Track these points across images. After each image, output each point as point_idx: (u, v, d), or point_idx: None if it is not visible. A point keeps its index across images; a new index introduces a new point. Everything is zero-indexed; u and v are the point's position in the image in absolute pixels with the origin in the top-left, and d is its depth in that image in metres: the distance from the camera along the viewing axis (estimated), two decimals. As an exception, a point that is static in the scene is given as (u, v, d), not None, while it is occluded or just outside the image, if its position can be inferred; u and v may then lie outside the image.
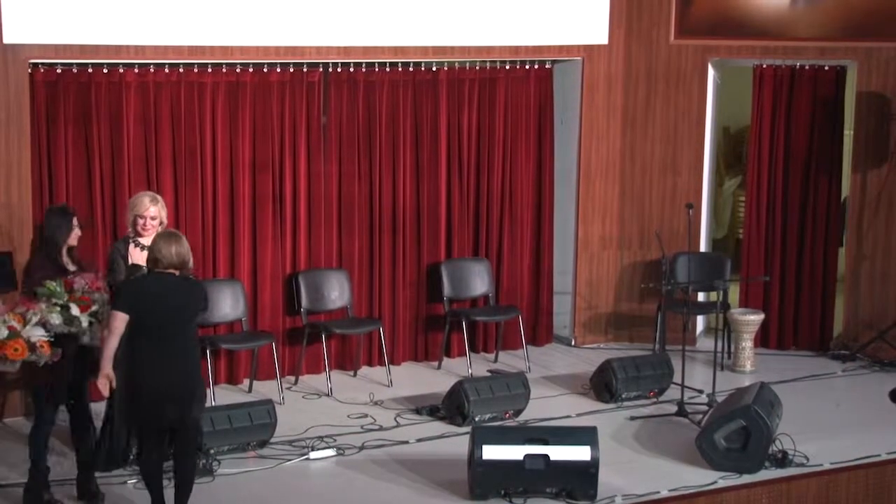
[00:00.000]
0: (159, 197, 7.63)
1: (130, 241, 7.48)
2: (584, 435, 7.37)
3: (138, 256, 7.33)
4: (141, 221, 7.41)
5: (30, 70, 8.43)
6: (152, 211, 7.42)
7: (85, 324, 6.72)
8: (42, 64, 8.51)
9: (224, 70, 9.12)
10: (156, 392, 6.50)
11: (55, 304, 6.70)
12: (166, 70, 8.92)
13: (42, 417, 7.01)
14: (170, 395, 6.53)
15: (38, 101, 8.54)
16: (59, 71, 8.59)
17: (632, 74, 10.51)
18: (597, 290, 10.71)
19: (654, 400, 9.17)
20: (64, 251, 7.29)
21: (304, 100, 9.47)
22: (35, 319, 6.53)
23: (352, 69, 9.61)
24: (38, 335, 6.55)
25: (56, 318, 6.63)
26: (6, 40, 8.22)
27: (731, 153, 13.55)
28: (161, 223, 7.45)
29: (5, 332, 6.46)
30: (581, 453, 7.24)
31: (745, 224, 10.86)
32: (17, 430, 8.26)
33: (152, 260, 6.63)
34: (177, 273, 6.63)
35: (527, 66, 10.33)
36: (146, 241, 7.23)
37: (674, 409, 8.83)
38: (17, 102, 8.34)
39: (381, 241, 9.91)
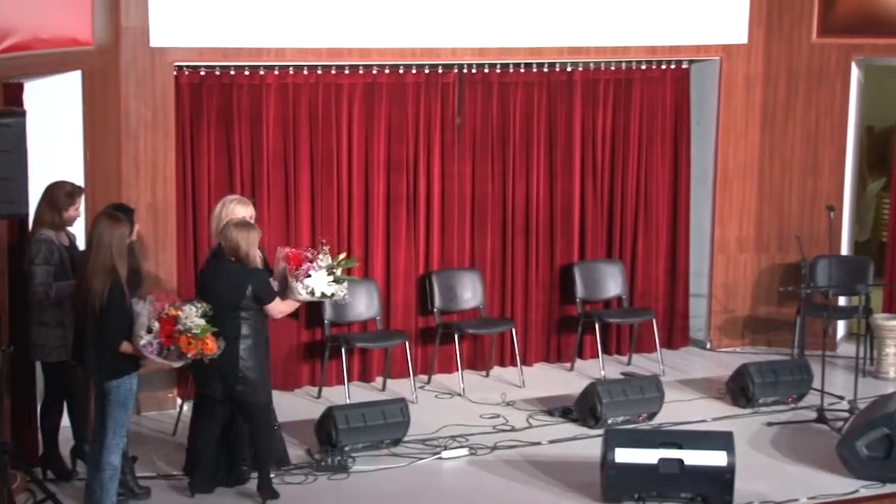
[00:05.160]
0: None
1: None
2: (719, 440, 7.25)
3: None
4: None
5: (175, 73, 8.66)
6: None
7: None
8: (187, 67, 8.74)
9: (361, 72, 9.24)
10: (206, 368, 6.82)
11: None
12: (305, 72, 9.07)
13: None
14: (215, 374, 6.91)
15: (182, 103, 8.78)
16: (202, 73, 8.81)
17: (771, 74, 10.32)
18: (733, 293, 10.54)
19: (793, 406, 8.98)
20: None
21: (439, 101, 9.53)
22: (199, 312, 6.58)
23: (486, 70, 9.64)
24: (211, 328, 6.62)
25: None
26: (153, 44, 8.47)
27: (875, 154, 13.18)
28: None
29: (200, 328, 6.50)
30: (716, 458, 7.13)
31: (889, 227, 10.57)
32: (157, 426, 8.50)
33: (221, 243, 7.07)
34: (233, 260, 6.97)
35: (663, 66, 10.22)
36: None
37: (813, 415, 8.64)
38: (163, 104, 8.58)
39: (513, 242, 9.91)
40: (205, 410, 7.25)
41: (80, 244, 7.24)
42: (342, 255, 7.39)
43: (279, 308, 7.18)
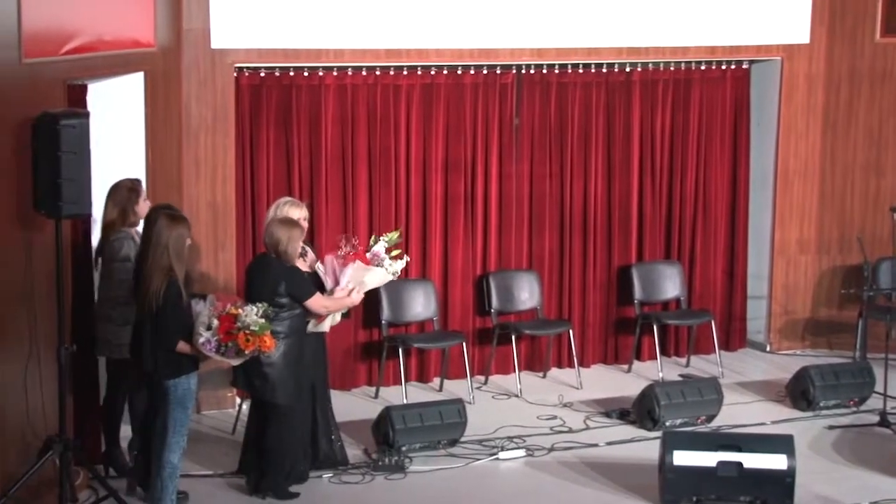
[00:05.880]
0: None
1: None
2: (779, 443, 7.18)
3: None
4: None
5: (235, 74, 8.74)
6: None
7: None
8: (247, 68, 8.81)
9: (419, 72, 9.26)
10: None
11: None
12: (363, 73, 9.11)
13: None
14: (239, 368, 6.93)
15: (242, 104, 8.85)
16: (262, 74, 8.88)
17: (834, 74, 10.21)
18: (793, 295, 10.44)
19: (854, 409, 8.87)
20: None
21: (497, 101, 9.53)
22: (260, 311, 6.57)
23: (545, 70, 9.62)
24: (270, 326, 6.63)
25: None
26: (214, 45, 8.55)
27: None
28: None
29: (258, 325, 6.50)
30: (776, 462, 7.06)
31: (953, 229, 10.41)
32: (216, 424, 8.57)
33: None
34: (273, 256, 7.09)
35: (723, 67, 10.14)
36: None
37: (875, 419, 8.53)
38: (223, 105, 8.66)
39: (571, 243, 9.88)
40: (255, 409, 7.31)
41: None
42: (374, 240, 7.65)
43: (321, 304, 7.24)
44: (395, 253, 7.59)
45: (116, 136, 7.72)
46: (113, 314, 7.13)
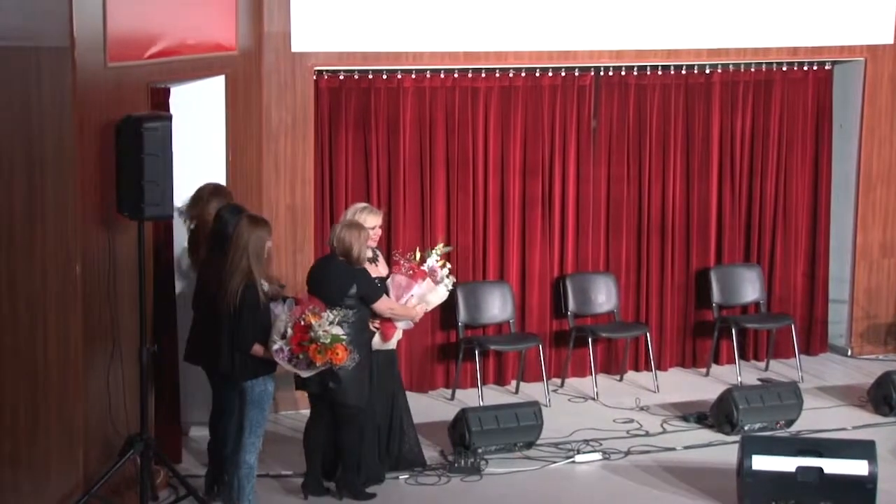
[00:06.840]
0: None
1: None
2: (861, 448, 7.08)
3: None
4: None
5: (315, 77, 8.82)
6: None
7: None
8: (326, 71, 8.89)
9: (497, 75, 9.28)
10: None
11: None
12: (442, 75, 9.15)
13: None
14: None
15: (321, 107, 8.93)
16: (341, 77, 8.96)
17: (919, 75, 10.06)
18: (876, 300, 10.29)
19: (939, 416, 8.73)
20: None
21: (575, 103, 9.51)
22: (336, 319, 6.59)
23: (623, 73, 9.58)
24: (343, 337, 6.60)
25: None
26: (294, 49, 8.64)
27: None
28: None
29: (329, 337, 6.49)
30: (857, 468, 6.96)
31: None
32: (293, 424, 8.66)
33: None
34: (340, 259, 7.08)
35: (805, 68, 10.02)
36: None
37: (960, 426, 8.39)
38: (302, 108, 8.75)
39: (649, 246, 9.83)
40: (314, 410, 7.34)
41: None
42: (428, 253, 7.63)
43: (389, 306, 7.28)
44: (440, 263, 7.64)
45: (198, 138, 7.83)
46: None
